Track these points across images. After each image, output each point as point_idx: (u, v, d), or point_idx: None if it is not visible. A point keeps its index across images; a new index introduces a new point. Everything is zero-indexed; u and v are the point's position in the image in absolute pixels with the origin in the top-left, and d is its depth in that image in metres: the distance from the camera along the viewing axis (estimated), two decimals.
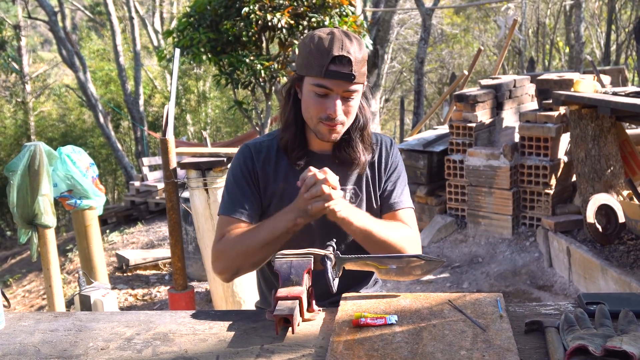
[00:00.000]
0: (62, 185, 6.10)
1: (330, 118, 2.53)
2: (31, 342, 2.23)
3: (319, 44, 2.50)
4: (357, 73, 2.49)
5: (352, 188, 2.75)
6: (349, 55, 2.47)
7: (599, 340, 1.89)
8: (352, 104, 2.57)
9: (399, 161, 2.87)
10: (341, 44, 2.48)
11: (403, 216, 2.80)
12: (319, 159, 2.70)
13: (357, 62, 2.49)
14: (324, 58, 2.47)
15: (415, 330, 2.10)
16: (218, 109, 28.89)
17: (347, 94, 2.53)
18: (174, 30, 9.19)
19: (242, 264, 2.62)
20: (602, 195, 7.34)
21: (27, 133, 27.27)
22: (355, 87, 2.53)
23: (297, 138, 2.68)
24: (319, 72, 2.48)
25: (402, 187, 2.85)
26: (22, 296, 10.60)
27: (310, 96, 2.55)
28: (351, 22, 9.09)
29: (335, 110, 2.51)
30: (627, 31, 24.70)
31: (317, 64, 2.49)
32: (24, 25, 26.96)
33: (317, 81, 2.50)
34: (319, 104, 2.53)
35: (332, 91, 2.50)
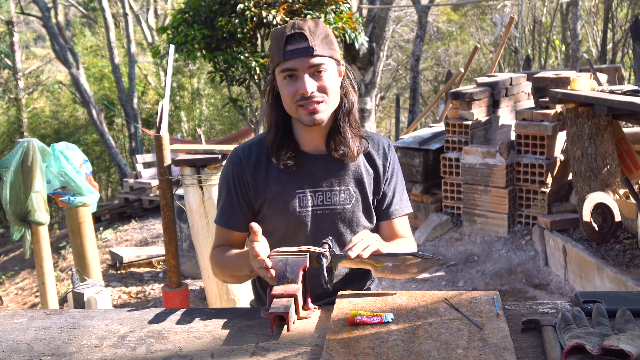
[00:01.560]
0: (56, 182, 6.09)
1: (304, 97, 2.50)
2: (24, 340, 2.22)
3: (276, 32, 2.55)
4: (315, 45, 2.49)
5: (347, 189, 2.73)
6: (302, 30, 2.48)
7: (596, 339, 1.89)
8: (325, 79, 2.53)
9: (396, 163, 2.86)
10: (293, 24, 2.51)
11: (399, 224, 2.83)
12: (311, 159, 2.69)
13: (313, 36, 2.49)
14: (280, 42, 2.50)
15: (411, 328, 2.09)
16: (212, 106, 28.87)
17: (313, 69, 2.50)
18: (169, 27, 9.18)
19: (226, 279, 2.82)
20: (598, 194, 7.34)
21: (20, 130, 27.26)
22: (319, 60, 2.51)
23: (280, 137, 2.66)
24: (280, 56, 2.50)
25: (401, 192, 2.85)
26: (15, 293, 10.59)
27: (282, 85, 2.55)
28: (346, 18, 9.08)
29: (305, 87, 2.48)
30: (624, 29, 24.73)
31: (276, 50, 2.51)
32: (16, 21, 26.92)
33: (280, 67, 2.51)
34: (291, 87, 2.52)
35: (297, 71, 2.49)
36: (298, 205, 2.66)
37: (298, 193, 2.66)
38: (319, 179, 2.69)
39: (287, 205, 2.65)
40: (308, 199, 2.67)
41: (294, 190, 2.66)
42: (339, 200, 2.70)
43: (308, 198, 2.67)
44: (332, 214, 2.69)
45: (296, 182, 2.67)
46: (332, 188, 2.69)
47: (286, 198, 2.63)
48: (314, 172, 2.69)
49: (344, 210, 2.70)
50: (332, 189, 2.69)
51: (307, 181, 2.68)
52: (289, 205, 2.65)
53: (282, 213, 2.66)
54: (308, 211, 2.67)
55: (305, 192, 2.67)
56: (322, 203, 2.69)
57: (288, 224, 2.67)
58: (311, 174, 2.68)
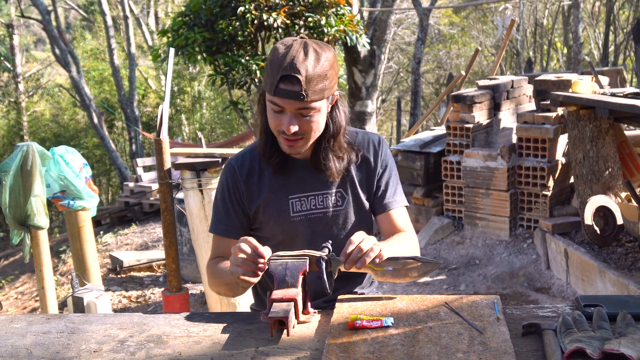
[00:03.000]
0: (55, 186, 6.08)
1: (286, 133, 2.50)
2: (23, 345, 2.22)
3: (272, 60, 2.46)
4: (308, 92, 2.42)
5: (338, 191, 2.75)
6: (298, 75, 2.39)
7: (597, 342, 1.89)
8: (312, 120, 2.51)
9: (389, 159, 2.85)
10: (292, 61, 2.40)
11: (397, 216, 2.81)
12: (301, 165, 2.72)
13: (308, 81, 2.41)
14: (274, 76, 2.43)
15: (411, 332, 2.09)
16: (213, 109, 28.88)
17: (303, 112, 2.47)
18: (169, 30, 9.17)
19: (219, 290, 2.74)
20: (600, 197, 7.33)
21: (19, 133, 27.27)
22: (311, 105, 2.47)
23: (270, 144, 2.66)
24: (270, 90, 2.45)
25: (395, 186, 2.84)
26: (15, 298, 10.59)
27: (269, 110, 2.53)
28: (348, 21, 9.07)
29: (289, 128, 2.46)
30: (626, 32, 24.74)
31: (269, 81, 2.46)
32: (17, 24, 26.95)
33: (270, 98, 2.48)
34: (276, 118, 2.50)
35: (284, 109, 2.46)
36: (291, 211, 2.69)
37: (291, 199, 2.70)
38: (310, 184, 2.72)
39: (281, 211, 2.69)
40: (301, 204, 2.70)
41: (287, 196, 2.69)
42: (331, 204, 2.72)
43: (300, 203, 2.70)
44: (325, 218, 2.72)
45: (288, 188, 2.70)
46: (323, 192, 2.72)
47: (279, 204, 2.67)
48: (304, 177, 2.71)
49: (336, 212, 2.73)
50: (323, 192, 2.72)
51: (299, 186, 2.71)
52: (282, 211, 2.69)
53: (277, 219, 2.70)
54: (302, 216, 2.70)
55: (297, 197, 2.71)
56: (315, 207, 2.71)
57: (283, 229, 2.70)
58: (302, 180, 2.71)
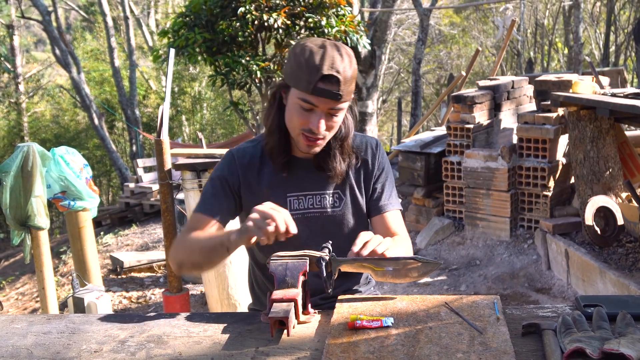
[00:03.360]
0: (56, 187, 6.08)
1: (312, 132, 2.52)
2: (24, 345, 2.22)
3: (309, 59, 2.46)
4: (344, 92, 2.47)
5: (336, 192, 2.76)
6: (338, 74, 2.44)
7: (597, 342, 1.89)
8: (336, 120, 2.57)
9: (385, 162, 2.88)
10: (332, 61, 2.44)
11: (391, 219, 2.84)
12: (301, 164, 2.73)
13: (345, 82, 2.46)
14: (312, 75, 2.43)
15: (411, 332, 2.09)
16: (213, 110, 28.88)
17: (332, 112, 2.52)
18: (169, 31, 9.16)
19: (184, 260, 2.65)
20: (600, 198, 7.32)
21: (20, 134, 27.27)
22: (341, 106, 2.53)
23: (281, 144, 2.68)
24: (307, 88, 2.45)
25: (390, 189, 2.87)
26: (15, 299, 10.58)
27: (295, 108, 2.53)
28: (348, 21, 9.07)
29: (319, 127, 2.51)
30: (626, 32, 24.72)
31: (305, 79, 2.45)
32: (17, 24, 26.93)
33: (303, 96, 2.48)
34: (303, 117, 2.52)
35: (317, 107, 2.49)
36: (289, 209, 2.68)
37: (289, 196, 2.71)
38: (310, 183, 2.73)
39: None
40: (298, 203, 2.72)
41: (285, 194, 2.70)
42: (329, 204, 2.74)
43: (298, 201, 2.72)
44: (322, 217, 2.73)
45: (287, 186, 2.71)
46: (321, 192, 2.74)
47: (277, 201, 2.60)
48: (304, 176, 2.73)
49: (333, 213, 2.75)
50: (321, 192, 2.74)
51: (298, 185, 2.72)
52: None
53: None
54: (299, 214, 2.70)
55: (295, 195, 2.72)
56: (312, 206, 2.73)
57: None
58: (302, 178, 2.73)
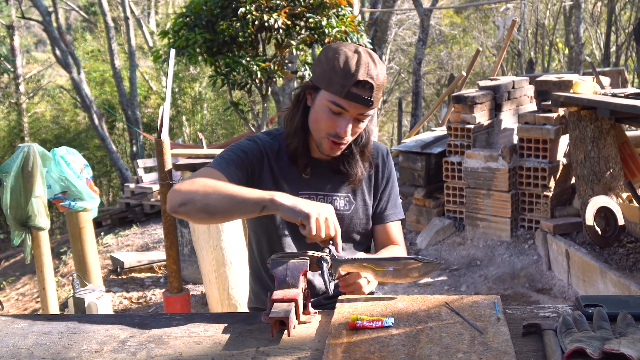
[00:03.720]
0: (56, 187, 6.08)
1: (339, 136, 2.55)
2: (24, 345, 2.21)
3: (345, 64, 2.47)
4: (375, 99, 2.51)
5: (347, 196, 2.79)
6: (372, 81, 2.47)
7: (597, 342, 1.89)
8: (361, 126, 2.60)
9: (392, 171, 2.93)
10: (367, 68, 2.47)
11: (393, 229, 2.90)
12: (319, 165, 2.75)
13: (377, 89, 2.50)
14: (347, 79, 2.45)
15: (412, 332, 2.09)
16: (214, 110, 28.88)
17: (361, 117, 2.55)
18: (170, 31, 9.16)
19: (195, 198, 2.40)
20: (601, 198, 7.32)
21: (20, 134, 27.27)
22: (370, 112, 2.56)
23: (305, 145, 2.70)
24: (340, 92, 2.47)
25: (395, 198, 2.92)
26: (16, 299, 10.58)
27: (323, 110, 2.55)
28: (349, 22, 9.06)
29: (346, 131, 2.53)
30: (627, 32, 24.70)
31: (339, 83, 2.47)
32: (17, 25, 26.93)
33: (335, 99, 2.49)
34: (331, 120, 2.53)
35: (347, 112, 2.51)
36: None
37: (301, 194, 2.69)
38: (322, 183, 2.75)
39: None
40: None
41: (297, 191, 2.69)
42: (339, 206, 2.76)
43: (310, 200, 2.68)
44: None
45: (301, 183, 2.72)
46: (333, 193, 2.76)
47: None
48: (318, 176, 2.74)
49: (342, 216, 2.76)
50: (333, 194, 2.76)
51: (310, 184, 2.73)
52: None
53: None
54: None
55: (307, 194, 2.72)
56: None
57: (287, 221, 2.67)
58: (316, 178, 2.74)
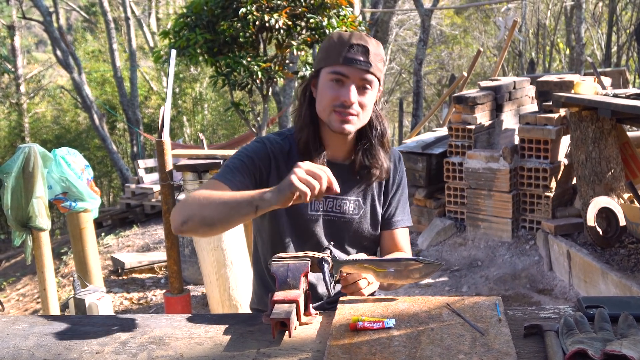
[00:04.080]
0: (57, 188, 6.08)
1: (345, 105, 2.54)
2: (25, 346, 2.21)
3: (339, 36, 2.59)
4: (373, 63, 2.55)
5: (356, 200, 2.78)
6: (367, 44, 2.54)
7: (599, 344, 1.89)
8: (366, 96, 2.59)
9: (404, 176, 2.93)
10: (359, 36, 2.57)
11: (400, 235, 2.90)
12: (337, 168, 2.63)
13: (373, 54, 2.55)
14: (343, 46, 2.54)
15: (413, 334, 2.09)
16: (215, 110, 28.89)
17: (362, 83, 2.56)
18: (170, 31, 9.16)
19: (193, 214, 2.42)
20: (602, 198, 7.32)
21: (21, 135, 27.30)
22: (371, 78, 2.57)
23: (316, 137, 2.70)
24: (337, 60, 2.54)
25: (404, 204, 2.92)
26: (17, 300, 10.58)
27: (326, 86, 2.58)
28: (349, 22, 9.06)
29: (350, 96, 2.53)
30: (628, 32, 24.71)
31: (335, 52, 2.55)
32: (18, 25, 26.95)
33: (334, 69, 2.55)
34: (334, 91, 2.55)
35: (348, 78, 2.54)
36: (309, 208, 2.71)
37: None
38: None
39: (300, 207, 2.68)
40: (320, 204, 2.72)
41: None
42: (348, 210, 2.76)
43: (320, 203, 2.72)
44: (339, 222, 2.75)
45: None
46: (343, 197, 2.75)
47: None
48: None
49: (351, 220, 2.76)
50: (343, 197, 2.75)
51: None
52: (301, 206, 2.68)
53: (292, 214, 2.70)
54: (318, 215, 2.72)
55: None
56: (332, 210, 2.74)
57: (297, 225, 2.71)
58: None
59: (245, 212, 2.34)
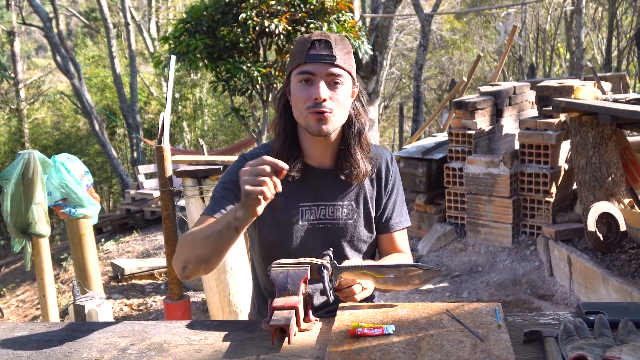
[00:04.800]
0: (57, 194, 6.08)
1: (317, 103, 2.49)
2: (25, 353, 2.21)
3: (302, 38, 2.56)
4: (337, 56, 2.50)
5: (349, 204, 2.73)
6: (328, 38, 2.51)
7: (598, 350, 1.89)
8: (339, 92, 2.53)
9: (397, 177, 2.86)
10: (320, 33, 2.55)
11: (399, 237, 2.85)
12: (315, 173, 2.68)
13: (337, 47, 2.52)
14: (305, 45, 2.51)
15: (413, 340, 2.08)
16: (215, 116, 28.90)
17: (331, 78, 2.51)
18: (170, 37, 9.17)
19: (188, 257, 2.44)
20: (603, 204, 7.32)
21: (21, 140, 27.29)
22: (338, 71, 2.51)
23: (289, 146, 2.65)
24: (301, 59, 2.50)
25: (401, 206, 2.86)
26: (16, 306, 10.58)
27: (296, 89, 2.53)
28: (349, 27, 9.07)
29: (319, 92, 2.47)
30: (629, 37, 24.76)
31: (299, 53, 2.52)
32: (18, 31, 26.96)
33: (299, 69, 2.52)
34: (305, 92, 2.51)
35: (315, 75, 2.49)
36: (300, 218, 2.66)
37: (301, 206, 2.66)
38: (323, 193, 2.68)
39: (290, 218, 2.65)
40: (310, 212, 2.67)
41: (297, 203, 2.65)
42: (341, 215, 2.70)
43: (311, 211, 2.67)
44: (333, 229, 2.69)
45: (300, 195, 2.66)
46: (334, 203, 2.70)
47: (289, 210, 2.62)
48: (317, 185, 2.68)
49: (345, 225, 2.71)
50: (334, 203, 2.70)
51: (311, 194, 2.67)
52: (291, 217, 2.65)
53: (284, 224, 2.65)
54: (310, 224, 2.67)
55: (308, 205, 2.67)
56: (325, 217, 2.68)
57: (289, 235, 2.66)
58: (315, 188, 2.68)
59: (229, 237, 2.35)
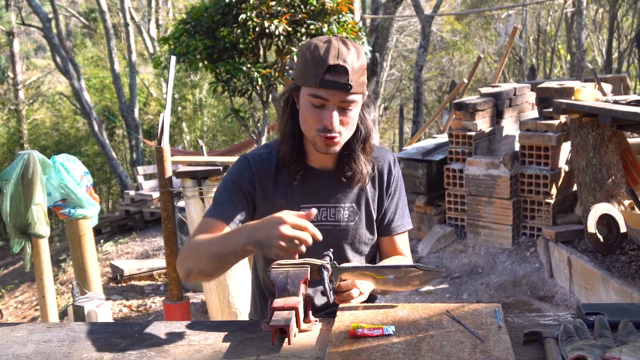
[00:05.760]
0: (56, 194, 6.07)
1: (327, 129, 2.45)
2: (24, 353, 2.21)
3: (314, 53, 2.42)
4: (354, 83, 2.41)
5: (351, 206, 2.72)
6: (345, 64, 2.38)
7: (598, 350, 1.89)
8: (350, 115, 2.49)
9: (400, 179, 2.84)
10: (337, 52, 2.39)
11: (400, 240, 2.84)
12: (318, 174, 2.67)
13: (354, 72, 2.40)
14: (319, 67, 2.39)
15: (413, 341, 2.08)
16: (214, 117, 28.90)
17: (344, 105, 2.44)
18: (170, 37, 9.17)
19: (192, 267, 2.49)
20: (603, 205, 7.31)
21: (20, 141, 27.33)
22: (353, 98, 2.45)
23: (295, 151, 2.62)
24: (314, 82, 2.40)
25: (403, 208, 2.85)
26: (15, 307, 10.58)
27: (306, 107, 2.48)
28: (350, 28, 9.07)
29: (332, 121, 2.43)
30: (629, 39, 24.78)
31: (312, 74, 2.41)
32: (17, 31, 26.98)
33: (312, 91, 2.42)
34: (316, 114, 2.45)
35: (328, 102, 2.42)
36: None
37: (303, 207, 2.62)
38: (325, 195, 2.67)
39: None
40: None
41: (299, 205, 2.63)
42: (343, 217, 2.69)
43: None
44: (335, 230, 2.69)
45: (302, 197, 2.65)
46: (336, 205, 2.69)
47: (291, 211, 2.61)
48: (320, 187, 2.67)
49: (347, 227, 2.70)
50: (336, 205, 2.69)
51: (313, 196, 2.66)
52: None
53: None
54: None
55: (309, 206, 2.63)
56: (326, 219, 2.68)
57: None
58: (317, 190, 2.67)
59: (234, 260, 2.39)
